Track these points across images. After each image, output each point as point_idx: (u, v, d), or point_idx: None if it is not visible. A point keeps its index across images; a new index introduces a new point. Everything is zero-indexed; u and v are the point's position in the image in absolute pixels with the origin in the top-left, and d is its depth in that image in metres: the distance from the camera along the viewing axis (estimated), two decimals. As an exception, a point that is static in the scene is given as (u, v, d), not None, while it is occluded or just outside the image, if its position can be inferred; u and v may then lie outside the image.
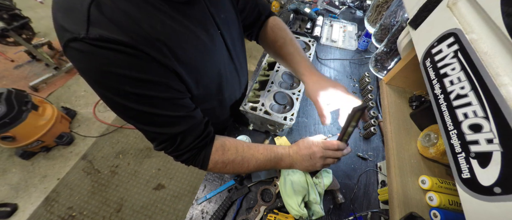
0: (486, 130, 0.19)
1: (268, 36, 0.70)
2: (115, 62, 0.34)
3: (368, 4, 1.46)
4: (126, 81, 0.36)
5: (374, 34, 0.96)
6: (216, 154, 0.53)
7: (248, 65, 2.41)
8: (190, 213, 0.66)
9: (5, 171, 1.70)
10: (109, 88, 0.37)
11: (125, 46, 0.33)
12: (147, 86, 0.39)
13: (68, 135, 1.82)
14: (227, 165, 0.54)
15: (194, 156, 0.52)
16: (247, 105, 0.72)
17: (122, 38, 0.32)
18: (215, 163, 0.53)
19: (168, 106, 0.43)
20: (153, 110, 0.41)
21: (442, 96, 0.24)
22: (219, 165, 0.54)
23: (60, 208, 1.55)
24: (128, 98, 0.38)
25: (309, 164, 0.54)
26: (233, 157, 0.54)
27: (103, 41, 0.31)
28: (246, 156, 0.54)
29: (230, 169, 0.55)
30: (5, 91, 1.47)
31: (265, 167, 0.56)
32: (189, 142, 0.49)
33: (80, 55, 0.33)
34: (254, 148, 0.56)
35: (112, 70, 0.34)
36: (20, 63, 2.36)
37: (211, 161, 0.53)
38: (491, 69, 0.20)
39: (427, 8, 0.35)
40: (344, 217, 0.67)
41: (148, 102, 0.40)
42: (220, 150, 0.54)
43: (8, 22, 1.77)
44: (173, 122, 0.45)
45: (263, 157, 0.55)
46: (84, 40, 0.31)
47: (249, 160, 0.55)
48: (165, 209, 1.57)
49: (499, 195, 0.18)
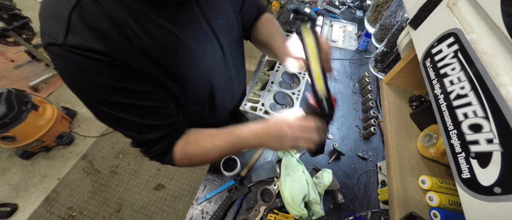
0: (486, 130, 0.19)
1: (258, 27, 0.71)
2: (91, 70, 0.34)
3: (368, 4, 1.46)
4: (101, 88, 0.37)
5: (374, 34, 0.96)
6: (179, 150, 0.51)
7: (248, 65, 2.41)
8: (190, 213, 0.66)
9: (5, 171, 1.70)
10: (84, 93, 0.38)
11: (102, 55, 0.33)
12: (123, 93, 0.39)
13: (68, 135, 1.82)
14: (192, 160, 0.52)
15: (163, 155, 0.51)
16: (247, 105, 0.72)
17: (99, 47, 0.33)
18: (181, 160, 0.52)
19: (145, 114, 0.44)
20: (128, 117, 0.42)
21: (442, 96, 0.24)
22: (185, 161, 0.52)
23: (60, 208, 1.55)
24: (103, 104, 0.39)
25: (278, 145, 0.49)
26: (195, 151, 0.51)
27: (79, 49, 0.32)
28: (208, 147, 0.51)
29: (197, 162, 0.53)
30: (5, 91, 1.47)
31: (231, 152, 0.53)
32: (161, 146, 0.49)
33: (59, 59, 0.34)
34: (216, 136, 0.52)
35: (88, 76, 0.35)
36: (20, 63, 2.36)
37: (176, 159, 0.51)
38: (491, 69, 0.20)
39: (427, 8, 0.35)
40: (344, 217, 0.67)
41: (123, 109, 0.41)
42: (183, 146, 0.52)
43: (8, 22, 1.77)
44: (148, 130, 0.46)
45: (226, 144, 0.50)
46: (61, 46, 0.32)
47: (211, 150, 0.51)
48: (165, 209, 1.57)
49: (499, 195, 0.18)
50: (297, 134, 0.46)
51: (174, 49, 0.43)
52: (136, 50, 0.37)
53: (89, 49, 0.32)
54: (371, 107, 0.90)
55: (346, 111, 0.92)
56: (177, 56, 0.44)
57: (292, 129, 0.46)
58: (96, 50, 0.33)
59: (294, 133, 0.46)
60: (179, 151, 0.51)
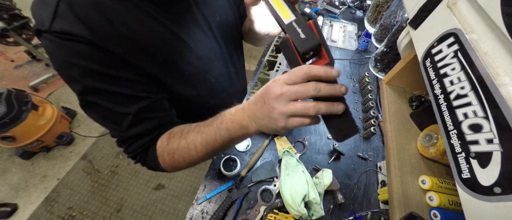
0: (486, 130, 0.19)
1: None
2: (77, 54, 0.34)
3: (368, 4, 1.46)
4: (86, 74, 0.36)
5: (374, 34, 0.96)
6: (161, 145, 0.45)
7: (248, 65, 2.41)
8: (190, 213, 0.66)
9: (5, 171, 1.70)
10: (70, 79, 0.37)
11: (87, 41, 0.34)
12: (108, 80, 0.37)
13: (68, 135, 1.82)
14: (174, 155, 0.44)
15: (146, 150, 0.46)
16: (247, 105, 0.72)
17: (84, 33, 0.33)
18: (162, 157, 0.45)
19: (132, 104, 0.41)
20: (113, 107, 0.40)
21: (442, 96, 0.24)
22: (167, 158, 0.44)
23: (60, 208, 1.55)
24: (88, 91, 0.38)
25: (265, 113, 0.34)
26: (177, 143, 0.43)
27: (64, 34, 0.33)
28: (191, 136, 0.42)
29: (180, 159, 0.44)
30: (5, 91, 1.47)
31: (215, 139, 0.40)
32: (145, 141, 0.45)
33: (46, 45, 0.34)
34: (201, 124, 0.44)
35: (73, 61, 0.35)
36: (20, 63, 2.36)
37: (158, 156, 0.45)
38: (491, 69, 0.20)
39: (427, 8, 0.35)
40: (344, 217, 0.66)
41: (108, 97, 0.39)
42: (165, 139, 0.45)
43: (8, 22, 1.77)
44: (134, 122, 0.42)
45: (210, 130, 0.41)
46: (47, 33, 0.33)
47: (195, 139, 0.42)
48: (165, 209, 1.57)
49: (499, 195, 0.18)
50: (286, 91, 0.32)
51: (169, 42, 0.42)
52: (126, 41, 0.37)
53: (73, 34, 0.33)
54: (371, 107, 0.90)
55: (346, 111, 0.92)
56: (172, 50, 0.43)
57: (276, 82, 0.33)
58: (80, 35, 0.33)
59: (281, 88, 0.32)
60: (162, 145, 0.45)
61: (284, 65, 0.87)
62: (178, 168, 0.47)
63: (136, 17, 0.37)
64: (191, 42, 0.46)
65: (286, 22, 0.34)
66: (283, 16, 0.35)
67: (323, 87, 0.31)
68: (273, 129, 0.35)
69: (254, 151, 0.78)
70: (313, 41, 0.32)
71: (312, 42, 0.32)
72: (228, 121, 0.40)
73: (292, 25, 0.33)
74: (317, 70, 0.31)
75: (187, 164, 0.46)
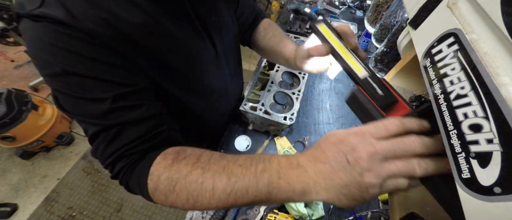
0: (486, 130, 0.19)
1: (259, 32, 0.68)
2: (50, 35, 0.32)
3: (368, 4, 1.45)
4: (58, 53, 0.32)
5: (374, 34, 0.96)
6: (162, 162, 0.34)
7: (248, 65, 2.41)
8: (190, 213, 0.66)
9: (5, 171, 1.70)
10: (44, 63, 0.33)
11: (68, 25, 0.31)
12: (86, 63, 0.33)
13: (68, 135, 1.82)
14: (175, 185, 0.32)
15: (131, 164, 0.36)
16: (247, 105, 0.72)
17: (66, 19, 0.31)
18: (157, 179, 0.33)
19: (109, 90, 0.34)
20: (88, 94, 0.34)
21: (442, 96, 0.24)
22: (163, 184, 0.33)
23: (60, 208, 1.55)
24: (61, 74, 0.33)
25: (351, 178, 0.25)
26: (188, 170, 0.32)
27: (44, 17, 0.31)
28: (211, 171, 0.32)
29: (182, 195, 0.32)
30: (5, 91, 1.47)
31: (247, 192, 0.30)
32: (127, 140, 0.35)
33: (25, 28, 0.33)
34: (229, 158, 0.34)
35: (50, 42, 0.32)
36: (20, 63, 2.36)
37: (151, 174, 0.34)
38: (491, 69, 0.20)
39: (427, 8, 0.35)
40: (344, 217, 0.67)
41: (83, 82, 0.33)
42: (171, 158, 0.34)
43: (8, 22, 1.77)
44: (112, 108, 0.34)
45: (243, 174, 0.31)
46: (25, 16, 0.32)
47: (216, 178, 0.31)
48: (165, 209, 1.57)
49: (499, 195, 0.18)
50: (383, 148, 0.25)
51: (158, 36, 0.40)
52: (111, 26, 0.34)
53: (56, 18, 0.31)
54: (371, 107, 0.90)
55: (346, 111, 0.92)
56: (162, 43, 0.41)
57: (363, 135, 0.26)
58: (61, 20, 0.31)
59: (376, 146, 0.25)
60: (163, 163, 0.34)
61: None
62: (170, 204, 0.34)
63: (125, 7, 0.35)
64: (181, 39, 0.43)
65: (361, 77, 0.34)
66: (356, 71, 0.36)
67: (429, 142, 0.24)
68: (358, 198, 0.26)
69: (254, 151, 0.78)
70: (391, 97, 0.32)
71: (391, 97, 0.32)
72: (274, 173, 0.29)
73: (367, 80, 0.33)
74: (410, 123, 0.26)
75: (187, 206, 0.33)
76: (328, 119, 0.88)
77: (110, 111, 0.34)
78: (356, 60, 0.37)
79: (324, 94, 0.97)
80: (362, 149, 0.25)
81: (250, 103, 0.73)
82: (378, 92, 0.32)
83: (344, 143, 0.27)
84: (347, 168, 0.25)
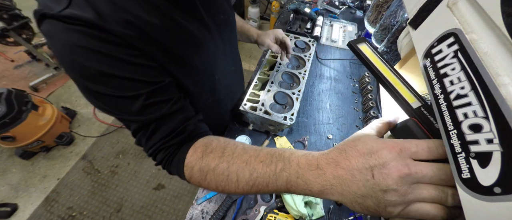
0: (486, 130, 0.19)
1: None
2: (84, 39, 0.32)
3: (368, 4, 1.45)
4: (93, 57, 0.33)
5: (374, 34, 0.96)
6: (193, 155, 0.40)
7: (248, 65, 2.42)
8: (190, 213, 0.66)
9: (5, 171, 1.70)
10: (74, 65, 0.34)
11: (98, 26, 0.32)
12: (116, 65, 0.35)
13: (68, 135, 1.82)
14: (207, 175, 0.38)
15: (169, 155, 0.42)
16: (247, 105, 0.72)
17: (96, 20, 0.31)
18: (191, 169, 0.40)
19: (141, 88, 0.38)
20: (121, 93, 0.37)
21: (442, 96, 0.24)
22: (196, 174, 0.39)
23: (60, 208, 1.55)
24: (94, 76, 0.35)
25: (371, 192, 0.24)
26: (215, 164, 0.38)
27: (75, 19, 0.31)
28: (236, 165, 0.36)
29: (212, 183, 0.38)
30: (5, 91, 1.47)
31: (267, 186, 0.34)
32: (162, 134, 0.41)
33: (50, 30, 0.32)
34: (251, 152, 0.37)
35: (81, 44, 0.32)
36: (20, 63, 2.36)
37: (186, 166, 0.40)
38: (491, 69, 0.20)
39: (427, 8, 0.35)
40: (344, 217, 0.66)
41: (115, 83, 0.36)
42: (200, 151, 0.40)
43: (8, 22, 1.77)
44: (145, 104, 0.38)
45: (264, 171, 0.34)
46: (53, 17, 0.31)
47: (240, 171, 0.35)
48: (165, 209, 1.57)
49: (499, 195, 0.18)
50: (418, 170, 0.23)
51: (180, 36, 0.42)
52: (136, 28, 0.35)
53: (85, 18, 0.31)
54: (371, 107, 0.90)
55: (346, 111, 0.92)
56: (183, 44, 0.43)
57: (400, 162, 0.24)
58: (90, 20, 0.31)
59: (411, 169, 0.23)
60: (194, 156, 0.40)
61: (284, 65, 0.88)
62: (204, 188, 0.44)
63: (145, 8, 0.36)
64: (199, 38, 0.46)
65: (414, 107, 0.32)
66: (408, 100, 0.34)
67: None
68: (373, 211, 0.25)
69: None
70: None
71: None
72: (293, 172, 0.31)
73: (421, 111, 0.31)
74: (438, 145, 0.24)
75: (217, 190, 0.40)
76: (328, 119, 0.88)
77: (145, 107, 0.38)
78: (405, 86, 0.35)
79: (324, 94, 0.97)
80: (394, 167, 0.23)
81: (250, 103, 0.73)
82: (435, 124, 0.29)
83: (375, 157, 0.25)
84: (370, 182, 0.24)
